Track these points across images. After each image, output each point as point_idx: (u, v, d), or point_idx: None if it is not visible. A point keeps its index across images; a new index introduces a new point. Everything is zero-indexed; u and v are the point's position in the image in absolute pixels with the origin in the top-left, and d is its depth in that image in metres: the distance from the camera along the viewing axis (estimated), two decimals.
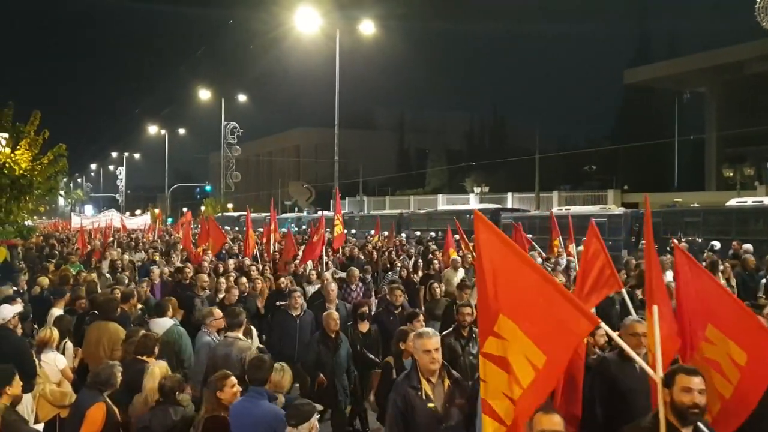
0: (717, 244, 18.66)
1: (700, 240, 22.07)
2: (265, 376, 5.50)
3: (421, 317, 7.95)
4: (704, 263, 16.59)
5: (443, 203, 55.48)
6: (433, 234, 32.28)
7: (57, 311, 9.31)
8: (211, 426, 5.32)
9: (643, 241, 19.75)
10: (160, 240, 28.40)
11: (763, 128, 39.52)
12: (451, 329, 7.51)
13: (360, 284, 12.52)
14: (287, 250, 16.25)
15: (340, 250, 18.64)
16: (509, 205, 48.09)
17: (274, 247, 18.26)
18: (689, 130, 47.87)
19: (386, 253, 17.83)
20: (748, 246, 16.60)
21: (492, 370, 3.99)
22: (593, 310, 5.06)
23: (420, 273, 14.39)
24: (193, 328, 8.61)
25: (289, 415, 4.71)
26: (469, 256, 14.72)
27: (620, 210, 30.41)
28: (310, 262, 14.60)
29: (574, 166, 59.38)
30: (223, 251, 18.82)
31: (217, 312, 8.03)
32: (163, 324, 8.18)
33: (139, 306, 9.82)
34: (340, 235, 16.88)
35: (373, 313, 9.93)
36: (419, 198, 62.68)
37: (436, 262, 14.66)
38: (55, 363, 7.15)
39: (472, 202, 53.29)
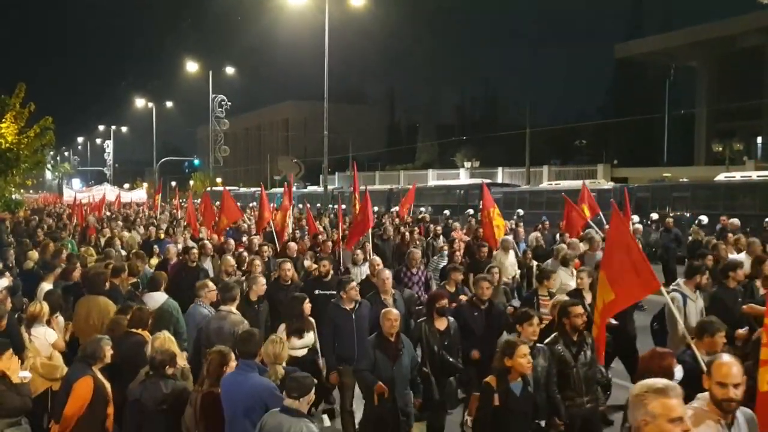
0: (704, 219, 18.76)
1: (688, 215, 22.18)
2: (254, 350, 5.52)
3: (536, 320, 6.30)
4: (690, 238, 16.74)
5: (433, 178, 55.46)
6: (422, 209, 32.33)
7: (47, 286, 9.28)
8: (209, 401, 5.35)
9: (635, 217, 19.48)
10: (170, 215, 27.67)
11: (754, 103, 39.64)
12: (555, 334, 6.27)
13: (422, 268, 10.89)
14: (309, 230, 14.61)
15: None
16: (499, 180, 48.10)
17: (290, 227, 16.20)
18: (680, 104, 47.99)
19: (408, 233, 15.98)
20: (736, 220, 16.70)
21: None
22: None
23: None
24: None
25: (291, 387, 4.74)
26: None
27: (610, 185, 30.53)
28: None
29: (564, 140, 59.57)
30: (230, 228, 17.64)
31: (211, 284, 8.01)
32: (157, 298, 8.20)
33: (132, 280, 9.80)
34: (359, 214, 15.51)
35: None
36: (409, 173, 62.63)
37: (485, 247, 12.49)
38: (46, 337, 7.13)
39: (462, 177, 53.29)
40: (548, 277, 8.79)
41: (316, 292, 8.82)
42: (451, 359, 7.07)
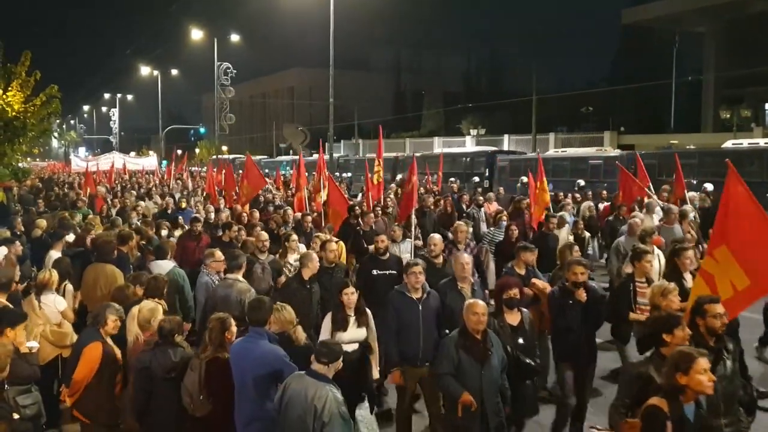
0: (710, 186, 18.66)
1: (695, 182, 22.06)
2: (264, 317, 5.54)
3: (684, 321, 5.01)
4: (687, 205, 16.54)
5: (439, 146, 55.25)
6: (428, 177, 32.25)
7: (55, 254, 9.37)
8: (213, 368, 5.41)
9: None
10: (181, 184, 27.12)
11: (762, 69, 39.14)
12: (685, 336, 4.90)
13: (471, 245, 9.54)
14: (336, 202, 12.77)
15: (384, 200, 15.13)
16: (505, 148, 47.89)
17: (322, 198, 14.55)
18: (687, 71, 47.46)
19: (443, 204, 14.88)
20: None
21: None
22: None
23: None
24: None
25: (320, 353, 4.77)
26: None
27: (616, 152, 30.36)
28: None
29: (571, 107, 59.10)
30: (261, 197, 16.88)
31: (218, 254, 7.99)
32: (164, 266, 8.28)
33: (142, 242, 9.92)
34: (380, 183, 14.43)
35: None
36: (415, 141, 62.32)
37: (554, 220, 11.23)
38: (55, 305, 7.21)
39: (469, 144, 53.07)
40: (640, 258, 7.33)
41: (374, 272, 7.92)
42: (527, 360, 5.99)
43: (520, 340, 6.08)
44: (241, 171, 33.84)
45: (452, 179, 26.49)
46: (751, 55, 44.39)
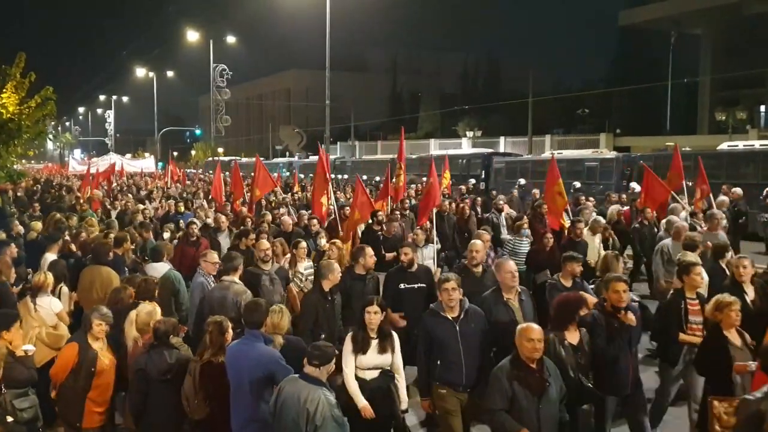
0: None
1: (690, 184, 22.09)
2: (260, 320, 5.53)
3: None
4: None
5: (435, 148, 55.27)
6: (425, 180, 32.20)
7: (50, 256, 9.35)
8: (209, 371, 5.40)
9: (633, 184, 18.65)
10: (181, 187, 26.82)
11: (757, 71, 39.28)
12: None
13: (491, 253, 8.94)
14: (361, 206, 11.56)
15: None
16: (502, 149, 47.92)
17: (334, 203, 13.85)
18: (684, 72, 47.58)
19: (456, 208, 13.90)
20: (738, 190, 16.72)
21: None
22: None
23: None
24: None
25: (312, 356, 4.76)
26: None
27: (612, 154, 30.39)
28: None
29: (567, 109, 59.23)
30: (263, 201, 16.31)
31: (213, 256, 7.96)
32: (160, 268, 8.26)
33: (132, 246, 9.90)
34: (403, 186, 13.84)
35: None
36: (412, 143, 62.30)
37: (581, 225, 10.44)
38: (51, 307, 7.20)
39: (465, 146, 53.10)
40: (689, 271, 6.50)
41: (402, 286, 7.37)
42: (590, 384, 5.42)
43: (581, 362, 5.52)
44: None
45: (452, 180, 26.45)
46: (747, 57, 44.55)
